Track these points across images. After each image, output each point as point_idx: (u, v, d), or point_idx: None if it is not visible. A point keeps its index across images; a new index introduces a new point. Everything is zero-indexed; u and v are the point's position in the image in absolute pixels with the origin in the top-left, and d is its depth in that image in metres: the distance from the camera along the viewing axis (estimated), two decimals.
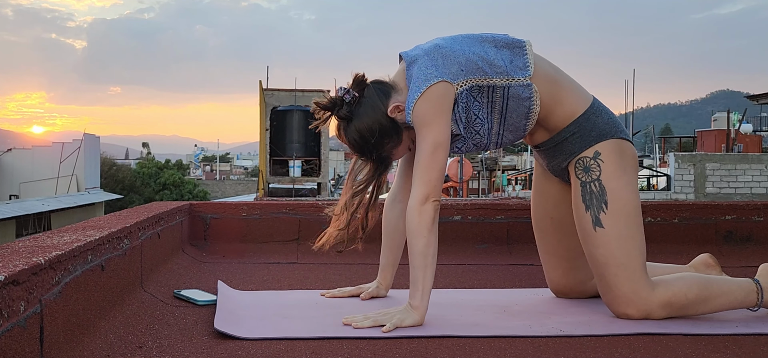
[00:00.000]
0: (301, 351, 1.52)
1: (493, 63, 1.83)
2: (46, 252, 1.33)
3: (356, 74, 1.89)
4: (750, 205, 3.20)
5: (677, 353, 1.54)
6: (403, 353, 1.52)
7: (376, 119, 1.84)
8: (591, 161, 1.88)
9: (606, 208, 1.84)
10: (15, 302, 1.13)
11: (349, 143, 1.89)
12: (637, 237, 1.85)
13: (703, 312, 1.85)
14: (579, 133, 1.90)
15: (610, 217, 1.84)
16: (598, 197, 1.86)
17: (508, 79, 1.83)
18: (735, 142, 17.23)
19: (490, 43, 1.87)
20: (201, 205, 3.13)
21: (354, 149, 1.91)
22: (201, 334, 1.66)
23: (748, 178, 12.89)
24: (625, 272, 1.82)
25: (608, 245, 1.83)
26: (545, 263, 2.14)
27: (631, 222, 1.85)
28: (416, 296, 1.74)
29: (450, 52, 1.82)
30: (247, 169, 59.20)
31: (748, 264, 2.83)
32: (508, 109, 1.87)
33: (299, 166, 18.58)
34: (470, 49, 1.84)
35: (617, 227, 1.83)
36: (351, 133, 1.86)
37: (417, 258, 1.74)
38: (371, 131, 1.84)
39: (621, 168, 1.88)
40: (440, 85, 1.77)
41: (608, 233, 1.83)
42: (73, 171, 21.83)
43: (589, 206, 1.87)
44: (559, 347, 1.58)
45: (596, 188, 1.86)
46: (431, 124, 1.76)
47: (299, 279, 2.50)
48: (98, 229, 1.78)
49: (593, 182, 1.87)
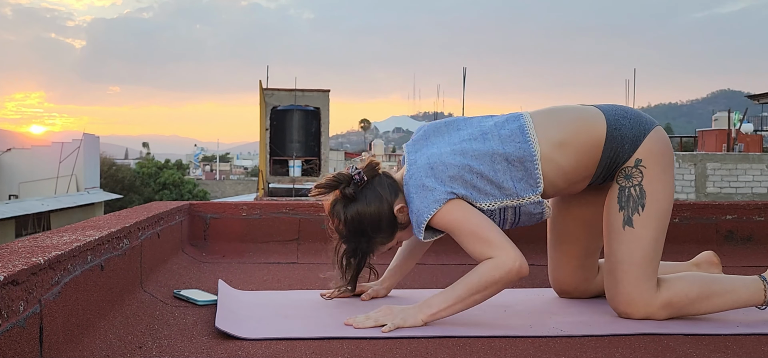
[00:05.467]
0: (301, 351, 1.51)
1: (503, 187, 1.80)
2: (45, 252, 1.32)
3: (371, 160, 1.88)
4: (751, 205, 3.20)
5: (677, 353, 1.54)
6: (403, 353, 1.52)
7: (381, 209, 1.82)
8: (633, 169, 1.86)
9: (641, 210, 1.83)
10: (14, 302, 1.12)
11: (343, 221, 1.83)
12: (659, 240, 1.84)
13: (707, 310, 1.84)
14: (613, 157, 1.87)
15: (642, 218, 1.83)
16: (637, 199, 1.84)
17: (519, 200, 1.81)
18: (736, 142, 17.22)
19: (501, 159, 1.80)
20: (201, 205, 3.13)
21: (346, 230, 1.84)
22: (201, 334, 1.66)
23: (749, 177, 12.89)
24: (637, 271, 1.81)
25: (631, 244, 1.83)
26: (554, 261, 2.13)
27: (660, 225, 1.84)
28: (432, 307, 1.73)
29: (458, 175, 1.78)
30: (247, 169, 59.22)
31: (749, 264, 2.83)
32: (521, 219, 1.85)
33: (299, 166, 18.58)
34: (480, 167, 1.78)
35: (646, 230, 1.82)
36: (350, 212, 1.82)
37: (463, 290, 1.72)
38: (372, 219, 1.82)
39: (662, 168, 1.86)
40: (449, 203, 1.76)
41: (636, 233, 1.83)
42: (72, 171, 21.83)
43: (624, 207, 1.85)
44: (560, 347, 1.58)
45: (635, 192, 1.84)
46: (456, 226, 1.75)
47: (299, 279, 2.50)
48: (98, 229, 1.78)
49: (633, 187, 1.85)
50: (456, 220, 1.74)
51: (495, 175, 1.79)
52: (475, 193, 1.78)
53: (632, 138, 1.85)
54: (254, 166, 53.48)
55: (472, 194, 1.77)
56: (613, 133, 1.85)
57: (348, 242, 1.86)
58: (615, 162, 1.87)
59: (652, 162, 1.85)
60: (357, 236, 1.85)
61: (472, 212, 1.76)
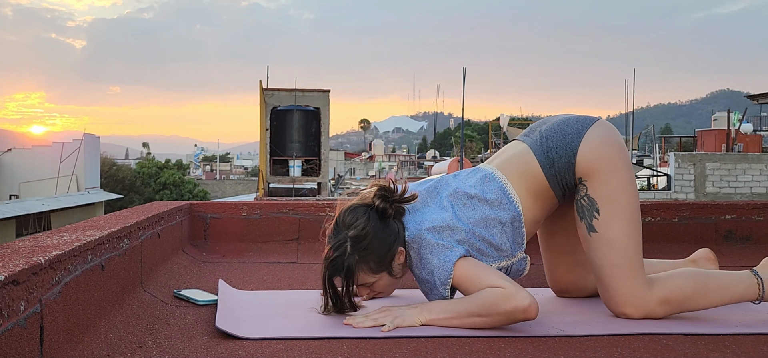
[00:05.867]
0: (301, 351, 1.52)
1: (502, 248, 1.84)
2: (46, 252, 1.33)
3: (410, 193, 1.87)
4: (750, 204, 3.20)
5: (677, 353, 1.54)
6: (403, 352, 1.52)
7: (390, 243, 1.80)
8: (579, 185, 1.91)
9: (598, 215, 1.86)
10: (15, 302, 1.13)
11: (356, 227, 1.79)
12: (631, 238, 1.85)
13: (703, 306, 1.85)
14: (563, 184, 1.91)
15: (602, 222, 1.85)
16: (588, 207, 1.87)
17: (511, 260, 1.86)
18: (735, 142, 17.22)
19: (496, 223, 1.83)
20: (201, 205, 3.13)
21: (352, 237, 1.79)
22: (201, 334, 1.66)
23: (748, 177, 12.89)
24: (621, 272, 1.83)
25: (602, 248, 1.85)
26: (549, 261, 2.15)
27: (624, 221, 1.85)
28: (432, 313, 1.73)
29: (465, 239, 1.79)
30: (247, 169, 59.22)
31: (748, 264, 2.83)
32: (511, 273, 1.88)
33: (299, 166, 18.58)
34: (481, 231, 1.81)
35: (611, 230, 1.84)
36: (370, 225, 1.79)
37: (465, 307, 1.71)
38: (380, 245, 1.79)
39: (606, 170, 1.86)
40: (466, 259, 1.77)
41: (602, 237, 1.85)
42: (73, 171, 21.83)
43: (582, 216, 1.89)
44: (559, 347, 1.58)
45: (586, 202, 1.88)
46: (475, 276, 1.74)
47: (299, 279, 2.50)
48: (98, 229, 1.78)
49: (582, 198, 1.89)
50: (473, 271, 1.75)
51: (493, 238, 1.83)
52: (480, 255, 1.82)
53: (566, 163, 1.88)
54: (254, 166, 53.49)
55: (477, 257, 1.81)
56: (549, 171, 1.89)
57: (341, 250, 1.79)
58: (567, 186, 1.91)
59: (592, 172, 1.87)
60: (354, 248, 1.79)
61: (486, 266, 1.79)
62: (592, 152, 1.87)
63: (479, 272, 1.75)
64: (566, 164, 1.88)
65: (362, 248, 1.79)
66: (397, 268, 1.85)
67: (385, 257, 1.82)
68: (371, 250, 1.80)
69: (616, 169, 1.87)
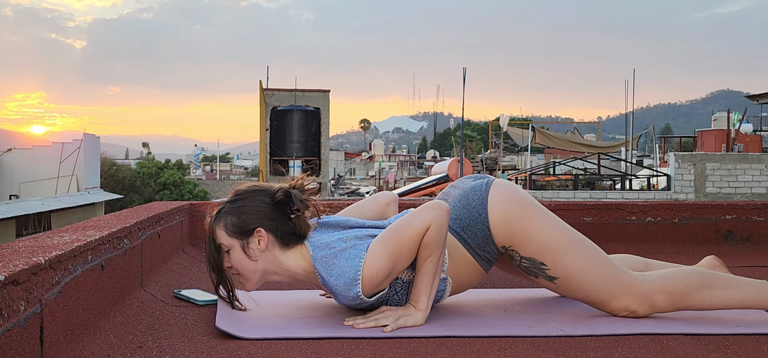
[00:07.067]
0: (301, 351, 1.52)
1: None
2: (46, 252, 1.33)
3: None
4: (750, 205, 3.20)
5: (677, 353, 1.54)
6: (403, 353, 1.52)
7: (255, 213, 1.80)
8: (508, 252, 1.87)
9: (546, 266, 1.84)
10: (15, 302, 1.13)
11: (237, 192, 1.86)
12: (589, 258, 1.83)
13: (710, 303, 1.82)
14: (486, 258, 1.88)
15: (555, 268, 1.83)
16: (533, 266, 1.85)
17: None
18: (735, 142, 17.22)
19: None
20: (201, 205, 3.13)
21: (230, 199, 1.86)
22: (201, 334, 1.66)
23: (749, 178, 12.88)
24: (603, 287, 1.82)
25: (572, 285, 1.84)
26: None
27: (574, 255, 1.82)
28: (421, 301, 1.74)
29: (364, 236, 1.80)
30: (247, 169, 59.20)
31: (748, 264, 2.83)
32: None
33: (299, 166, 18.58)
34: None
35: (568, 270, 1.83)
36: (249, 191, 1.85)
37: (435, 264, 1.74)
38: (253, 203, 1.82)
39: (522, 225, 1.82)
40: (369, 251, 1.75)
41: (564, 279, 1.84)
42: (73, 171, 21.82)
43: (536, 274, 1.87)
44: (559, 347, 1.58)
45: (527, 263, 1.86)
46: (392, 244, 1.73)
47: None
48: (98, 229, 1.78)
49: (522, 263, 1.86)
50: (386, 245, 1.73)
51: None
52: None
53: (483, 238, 1.85)
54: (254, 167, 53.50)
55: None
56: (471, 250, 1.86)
57: (222, 203, 1.85)
58: (491, 256, 1.88)
59: (510, 235, 1.83)
60: (228, 202, 1.84)
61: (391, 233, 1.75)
62: (501, 206, 1.83)
63: (391, 241, 1.73)
64: (484, 237, 1.85)
65: (233, 206, 1.82)
66: (254, 248, 1.80)
67: (245, 226, 1.79)
68: (237, 213, 1.80)
69: (532, 219, 1.84)
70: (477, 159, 24.26)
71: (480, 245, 1.86)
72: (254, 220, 1.80)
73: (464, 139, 28.70)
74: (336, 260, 1.74)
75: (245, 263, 1.81)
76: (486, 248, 1.86)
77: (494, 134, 30.21)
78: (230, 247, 1.81)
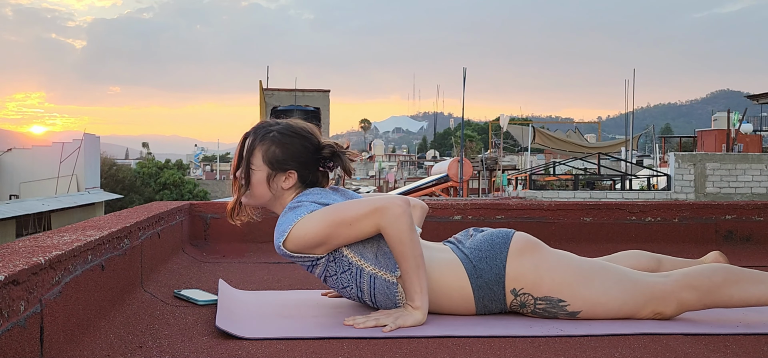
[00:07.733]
0: (301, 351, 1.52)
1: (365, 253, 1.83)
2: (46, 252, 1.33)
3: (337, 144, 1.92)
4: (750, 205, 3.20)
5: (677, 353, 1.54)
6: (403, 353, 1.52)
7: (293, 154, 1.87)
8: (519, 297, 1.80)
9: (565, 302, 1.78)
10: (15, 302, 1.13)
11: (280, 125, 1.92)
12: (604, 281, 1.78)
13: (740, 299, 1.76)
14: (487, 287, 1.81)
15: (575, 303, 1.78)
16: (552, 307, 1.79)
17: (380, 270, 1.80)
18: (735, 142, 17.22)
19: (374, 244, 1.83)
20: (201, 205, 3.13)
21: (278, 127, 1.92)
22: (201, 334, 1.66)
23: (749, 178, 12.88)
24: (628, 306, 1.78)
25: (597, 313, 1.79)
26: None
27: (590, 285, 1.78)
28: (415, 299, 1.73)
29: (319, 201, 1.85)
30: None
31: (748, 264, 2.83)
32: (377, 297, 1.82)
33: None
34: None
35: (587, 302, 1.78)
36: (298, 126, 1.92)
37: (410, 260, 1.71)
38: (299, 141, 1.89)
39: (534, 265, 1.78)
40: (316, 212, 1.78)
41: (587, 312, 1.79)
42: (73, 171, 21.83)
43: (556, 315, 1.80)
44: (559, 347, 1.58)
45: (544, 304, 1.79)
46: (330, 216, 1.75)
47: (299, 279, 2.50)
48: (98, 229, 1.78)
49: (537, 307, 1.79)
50: (325, 214, 1.74)
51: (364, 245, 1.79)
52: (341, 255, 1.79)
53: (495, 275, 1.79)
54: None
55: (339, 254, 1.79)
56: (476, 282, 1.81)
57: (269, 123, 1.92)
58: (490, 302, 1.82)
59: (522, 275, 1.78)
60: (277, 129, 1.89)
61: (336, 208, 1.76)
62: (518, 255, 1.79)
63: (331, 212, 1.74)
64: (495, 276, 1.79)
65: (282, 138, 1.87)
66: (278, 183, 1.87)
67: (283, 163, 1.86)
68: (282, 147, 1.86)
69: (543, 258, 1.80)
70: (477, 159, 24.26)
71: (489, 281, 1.79)
72: (293, 162, 1.87)
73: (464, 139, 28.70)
74: (290, 212, 1.80)
75: (262, 189, 1.90)
76: (492, 287, 1.80)
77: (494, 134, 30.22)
78: (258, 169, 1.89)
